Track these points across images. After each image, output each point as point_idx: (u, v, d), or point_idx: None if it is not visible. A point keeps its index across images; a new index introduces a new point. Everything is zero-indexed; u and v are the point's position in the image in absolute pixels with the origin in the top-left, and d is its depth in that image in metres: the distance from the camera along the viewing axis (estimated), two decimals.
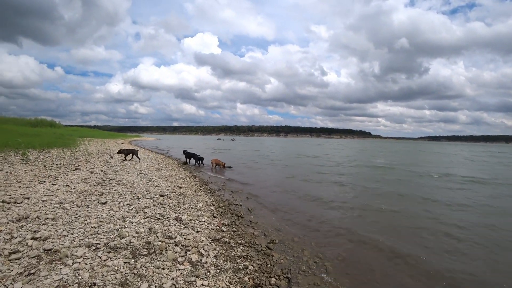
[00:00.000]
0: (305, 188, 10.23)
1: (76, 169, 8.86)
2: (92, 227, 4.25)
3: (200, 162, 16.22)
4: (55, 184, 6.63)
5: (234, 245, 4.44)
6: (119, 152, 12.89)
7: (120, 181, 7.77)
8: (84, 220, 4.47)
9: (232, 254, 4.07)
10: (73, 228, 4.12)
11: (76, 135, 32.62)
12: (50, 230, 3.99)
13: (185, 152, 16.82)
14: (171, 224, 4.83)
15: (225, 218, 5.99)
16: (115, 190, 6.62)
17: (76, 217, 4.55)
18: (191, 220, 5.30)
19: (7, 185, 6.12)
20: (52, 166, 8.80)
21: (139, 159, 13.48)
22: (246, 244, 4.62)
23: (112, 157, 13.11)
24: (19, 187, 6.13)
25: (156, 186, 7.85)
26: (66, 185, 6.63)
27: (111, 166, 10.34)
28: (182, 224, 4.97)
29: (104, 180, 7.64)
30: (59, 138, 18.99)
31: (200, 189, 8.69)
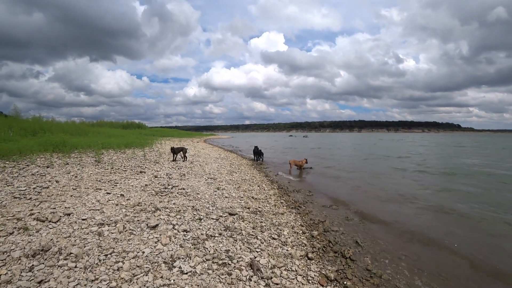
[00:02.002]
0: (420, 204, 7.19)
1: (140, 172, 8.07)
2: (121, 279, 2.69)
3: (260, 157, 16.61)
4: (109, 193, 5.64)
5: None
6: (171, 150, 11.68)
7: (183, 189, 6.45)
8: (116, 263, 2.97)
9: None
10: (92, 281, 2.63)
11: (158, 134, 35.52)
12: (60, 282, 2.57)
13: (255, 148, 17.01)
14: (244, 278, 2.95)
15: (327, 262, 3.83)
16: (173, 204, 5.22)
17: (107, 255, 3.11)
18: (274, 267, 3.34)
19: (60, 194, 5.35)
20: (118, 169, 8.22)
21: (186, 158, 11.99)
22: None
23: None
24: (71, 196, 5.29)
25: (226, 197, 6.24)
26: (121, 195, 5.57)
27: (178, 168, 9.38)
28: (262, 278, 3.04)
29: (165, 188, 6.44)
30: (140, 138, 20.14)
31: (281, 202, 6.74)
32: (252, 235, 4.23)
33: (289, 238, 4.42)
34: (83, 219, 4.13)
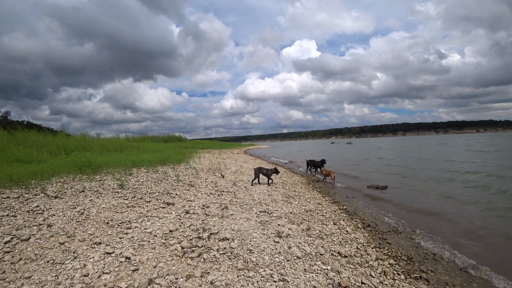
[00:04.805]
0: None
1: (168, 204, 5.93)
2: None
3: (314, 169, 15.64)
4: (111, 253, 3.49)
5: None
6: (258, 172, 9.72)
7: (227, 239, 4.08)
8: None
9: None
10: None
11: (198, 147, 34.56)
12: None
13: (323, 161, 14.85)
14: None
15: None
16: (211, 285, 2.84)
17: None
18: None
19: (32, 258, 3.36)
20: (141, 198, 6.22)
21: (272, 180, 10.06)
22: None
23: (223, 177, 10.26)
24: (48, 261, 3.27)
25: (297, 257, 3.70)
26: (127, 258, 3.37)
27: (218, 195, 7.13)
28: None
29: (199, 236, 4.14)
30: (177, 152, 18.68)
31: (390, 263, 3.99)
32: None
33: None
34: None
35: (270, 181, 9.90)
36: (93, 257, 3.36)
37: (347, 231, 5.14)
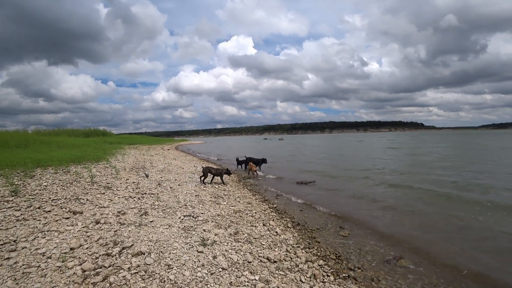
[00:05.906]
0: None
1: (74, 212, 4.98)
2: None
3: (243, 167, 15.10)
4: None
5: None
6: (207, 171, 9.55)
7: (142, 254, 3.56)
8: None
9: None
10: None
11: (125, 142, 31.28)
12: None
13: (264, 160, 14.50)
14: None
15: None
16: None
17: None
18: None
19: None
20: (39, 207, 5.08)
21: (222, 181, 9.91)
22: None
23: (147, 176, 9.33)
24: None
25: (223, 268, 3.41)
26: None
27: (138, 199, 6.37)
28: None
29: (107, 254, 3.51)
30: (98, 149, 16.44)
31: (319, 264, 4.01)
32: None
33: None
34: None
35: (217, 180, 9.86)
36: None
37: (276, 232, 5.11)
